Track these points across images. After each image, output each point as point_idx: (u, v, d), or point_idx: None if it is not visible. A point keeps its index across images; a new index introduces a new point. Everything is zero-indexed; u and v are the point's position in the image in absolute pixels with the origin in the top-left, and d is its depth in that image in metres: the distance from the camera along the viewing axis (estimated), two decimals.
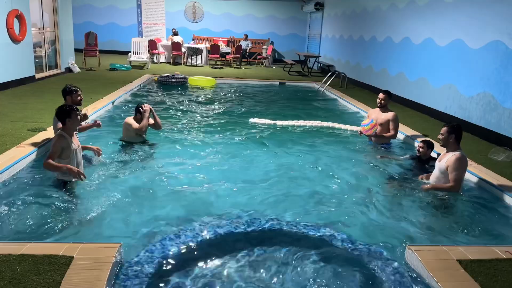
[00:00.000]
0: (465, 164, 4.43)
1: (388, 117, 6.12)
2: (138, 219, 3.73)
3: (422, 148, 5.28)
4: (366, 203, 4.28)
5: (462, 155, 4.36)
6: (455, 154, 4.35)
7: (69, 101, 5.09)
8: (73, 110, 4.26)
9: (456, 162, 4.30)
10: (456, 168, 4.31)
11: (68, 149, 4.18)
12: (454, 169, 4.31)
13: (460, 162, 4.32)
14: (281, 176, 4.99)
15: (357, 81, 13.14)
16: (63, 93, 5.16)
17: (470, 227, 3.89)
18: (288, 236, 3.57)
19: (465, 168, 4.46)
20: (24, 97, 8.38)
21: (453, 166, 4.31)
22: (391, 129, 6.12)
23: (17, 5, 9.52)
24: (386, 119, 6.11)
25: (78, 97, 5.18)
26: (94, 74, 12.73)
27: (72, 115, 4.21)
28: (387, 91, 6.35)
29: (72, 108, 4.27)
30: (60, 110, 4.26)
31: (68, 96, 5.12)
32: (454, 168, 4.31)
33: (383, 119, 6.13)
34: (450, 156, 4.37)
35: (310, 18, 20.66)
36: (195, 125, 7.30)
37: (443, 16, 8.36)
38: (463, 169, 4.41)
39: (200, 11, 20.86)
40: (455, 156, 4.33)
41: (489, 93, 6.91)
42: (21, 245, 2.94)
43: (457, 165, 4.30)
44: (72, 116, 4.22)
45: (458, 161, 4.30)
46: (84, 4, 19.78)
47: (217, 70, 15.68)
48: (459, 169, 4.32)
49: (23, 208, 3.72)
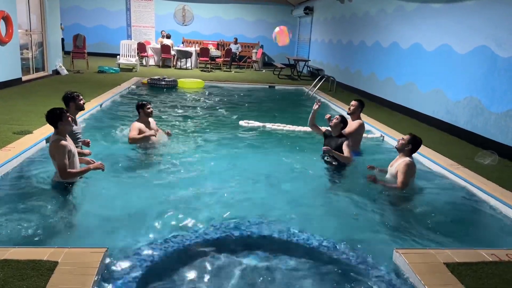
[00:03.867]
0: (413, 170, 4.62)
1: (353, 126, 5.82)
2: (126, 224, 3.68)
3: (336, 119, 5.41)
4: (350, 207, 4.29)
5: (411, 162, 4.59)
6: (404, 160, 4.58)
7: (72, 107, 5.02)
8: (63, 112, 4.20)
9: (404, 167, 4.51)
10: (403, 172, 4.50)
11: (69, 152, 4.13)
12: (402, 172, 4.51)
13: (408, 167, 4.52)
14: (266, 180, 4.97)
15: (346, 85, 13.22)
16: (65, 100, 5.06)
17: (457, 230, 3.93)
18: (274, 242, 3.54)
19: (412, 173, 4.63)
20: (10, 100, 8.26)
21: (402, 170, 4.51)
22: (356, 141, 5.84)
23: (3, 6, 9.40)
24: (352, 128, 5.81)
25: (81, 101, 5.12)
26: (82, 77, 12.61)
27: (63, 118, 4.16)
28: (359, 99, 6.17)
29: (62, 111, 4.22)
30: (51, 114, 4.15)
31: (71, 102, 5.04)
32: (402, 171, 4.51)
33: (350, 127, 5.78)
34: (400, 162, 4.61)
35: (300, 22, 20.77)
36: (185, 128, 7.26)
37: (430, 21, 8.47)
38: (410, 173, 4.58)
39: (190, 14, 20.84)
40: (405, 162, 4.55)
41: (475, 97, 7.01)
42: (5, 250, 2.88)
43: (405, 169, 4.50)
44: (64, 118, 4.16)
45: (406, 166, 4.52)
46: (72, 5, 19.61)
47: (206, 73, 15.66)
48: (406, 172, 4.50)
49: (7, 212, 3.65)
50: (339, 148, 5.25)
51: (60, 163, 4.07)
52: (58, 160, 4.07)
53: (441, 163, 5.64)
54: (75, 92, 5.12)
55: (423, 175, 5.41)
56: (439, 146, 6.54)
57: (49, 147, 4.20)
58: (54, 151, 4.09)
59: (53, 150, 4.11)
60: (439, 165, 5.61)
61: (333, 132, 5.44)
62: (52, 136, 4.24)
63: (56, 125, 4.16)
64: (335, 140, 5.35)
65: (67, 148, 4.09)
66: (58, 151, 4.07)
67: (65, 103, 5.07)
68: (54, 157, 4.12)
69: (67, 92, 5.13)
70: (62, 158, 4.07)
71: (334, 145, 5.30)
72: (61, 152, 4.07)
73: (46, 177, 4.44)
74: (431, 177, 5.39)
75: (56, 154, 4.08)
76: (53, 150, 4.11)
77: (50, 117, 4.16)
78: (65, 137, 4.19)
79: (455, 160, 5.82)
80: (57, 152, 4.07)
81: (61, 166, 4.07)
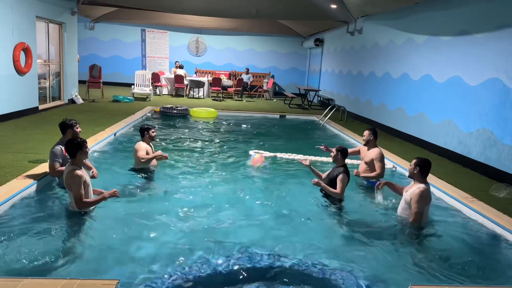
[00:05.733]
0: (427, 198, 4.53)
1: (371, 156, 6.01)
2: (138, 255, 3.67)
3: (333, 153, 5.38)
4: (365, 240, 4.23)
5: (425, 189, 4.48)
6: (419, 188, 4.48)
7: (69, 134, 5.07)
8: (84, 142, 4.29)
9: (417, 195, 4.43)
10: (417, 201, 4.43)
11: (84, 182, 4.19)
12: (415, 201, 4.44)
13: (421, 196, 4.43)
14: (278, 209, 4.96)
15: (357, 114, 13.28)
16: (63, 126, 5.13)
17: (472, 265, 3.83)
18: (288, 273, 3.50)
19: (427, 202, 4.54)
20: (27, 128, 8.45)
21: (415, 199, 4.44)
22: (377, 167, 5.93)
23: (24, 38, 9.77)
24: (370, 157, 6.01)
25: (77, 129, 5.19)
26: (96, 106, 12.88)
27: (83, 148, 4.25)
28: (372, 128, 6.31)
29: (83, 141, 4.31)
30: (72, 144, 4.22)
31: (69, 130, 5.11)
32: (415, 200, 4.44)
33: (369, 157, 6.03)
34: (414, 189, 4.51)
35: (310, 53, 21.12)
36: (196, 156, 7.31)
37: (440, 53, 8.55)
38: (425, 202, 4.49)
39: (203, 46, 21.35)
40: (419, 189, 4.46)
41: (488, 129, 6.97)
42: (17, 281, 2.89)
43: (418, 198, 4.43)
44: (84, 148, 4.25)
45: (419, 194, 4.43)
46: (89, 37, 20.27)
47: (218, 102, 15.87)
48: (419, 202, 4.42)
49: (21, 242, 3.68)
50: (334, 181, 5.22)
51: (76, 193, 4.11)
52: (74, 190, 4.12)
53: (455, 196, 5.57)
54: (73, 120, 5.21)
55: (437, 207, 5.34)
56: (452, 177, 6.47)
57: (65, 177, 4.25)
58: (70, 181, 4.14)
59: (68, 180, 4.16)
60: (453, 197, 5.54)
61: (336, 163, 5.44)
62: (68, 166, 4.30)
63: (75, 155, 4.22)
64: (336, 171, 5.32)
65: (83, 178, 4.15)
66: (74, 181, 4.12)
67: (62, 130, 5.14)
68: (70, 187, 4.16)
69: (66, 120, 5.20)
70: (78, 188, 4.11)
71: (331, 176, 5.31)
72: (77, 182, 4.12)
73: (60, 206, 4.48)
74: (444, 209, 5.32)
75: (72, 184, 4.13)
76: (68, 180, 4.16)
77: (71, 146, 4.22)
78: (80, 167, 4.26)
79: (469, 192, 5.74)
80: (73, 182, 4.12)
81: (77, 196, 4.11)
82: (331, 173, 5.39)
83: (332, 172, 5.40)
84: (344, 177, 5.16)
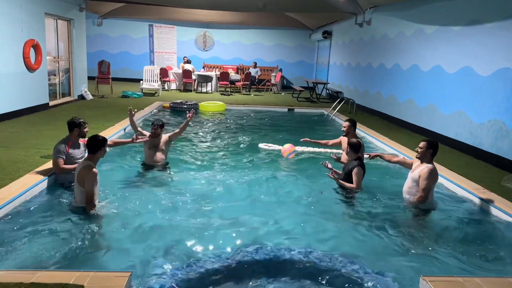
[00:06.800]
0: (436, 176, 4.76)
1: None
2: (150, 248, 3.71)
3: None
4: (376, 230, 4.22)
5: (434, 168, 4.73)
6: (427, 166, 4.72)
7: (76, 133, 5.12)
8: (106, 140, 4.31)
9: (427, 173, 4.65)
10: (426, 177, 4.65)
11: (97, 183, 4.21)
12: (424, 178, 4.65)
13: (431, 173, 4.66)
14: (289, 202, 4.98)
15: (366, 107, 13.19)
16: (71, 125, 5.14)
17: (486, 257, 3.80)
18: (297, 264, 3.52)
19: (435, 179, 4.78)
20: (38, 124, 8.55)
21: (424, 176, 4.66)
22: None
23: (34, 35, 9.85)
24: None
25: (85, 129, 5.21)
26: (106, 101, 12.96)
27: (105, 145, 4.27)
28: (351, 119, 6.35)
29: (105, 139, 4.31)
30: (96, 141, 4.20)
31: (77, 128, 5.13)
32: (424, 178, 4.65)
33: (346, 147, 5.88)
34: (423, 168, 4.73)
35: (318, 46, 20.98)
36: (205, 151, 7.34)
37: (451, 43, 8.44)
38: (433, 180, 4.73)
39: (210, 40, 21.33)
40: (428, 168, 4.69)
41: (499, 120, 6.88)
42: (32, 273, 2.94)
43: (428, 175, 4.65)
44: (105, 145, 4.27)
45: (429, 172, 4.66)
46: (98, 33, 20.35)
47: (226, 97, 15.88)
48: (428, 178, 4.65)
49: (35, 235, 3.74)
50: (349, 174, 5.19)
51: (88, 190, 4.05)
52: (87, 187, 4.06)
53: (467, 187, 5.52)
54: (81, 120, 5.19)
55: (448, 199, 5.31)
56: (464, 169, 6.41)
57: (78, 172, 4.17)
58: (85, 177, 4.06)
59: (83, 175, 4.08)
60: (464, 189, 5.49)
61: (350, 156, 5.41)
62: (83, 161, 4.28)
63: (96, 152, 4.22)
64: (351, 164, 5.30)
65: (97, 177, 4.16)
66: (89, 178, 4.06)
67: (69, 128, 5.15)
68: (83, 183, 4.09)
69: (74, 118, 5.19)
70: (91, 186, 4.07)
71: (347, 169, 5.29)
72: (92, 180, 4.08)
73: (72, 201, 4.53)
74: (456, 201, 5.28)
75: (86, 181, 4.06)
76: (83, 175, 4.08)
77: (95, 142, 4.19)
78: (95, 165, 4.27)
79: (480, 184, 5.68)
80: (88, 179, 4.06)
81: (88, 193, 4.06)
82: (346, 167, 5.37)
83: (347, 166, 5.39)
84: (359, 170, 5.16)
